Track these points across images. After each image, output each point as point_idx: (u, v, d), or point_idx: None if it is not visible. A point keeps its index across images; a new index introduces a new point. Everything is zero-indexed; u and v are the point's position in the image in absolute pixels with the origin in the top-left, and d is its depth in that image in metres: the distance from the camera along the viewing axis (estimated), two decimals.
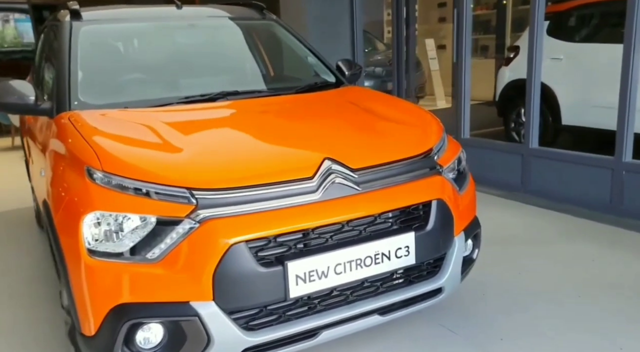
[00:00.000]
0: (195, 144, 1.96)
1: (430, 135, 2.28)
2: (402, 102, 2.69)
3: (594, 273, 2.99)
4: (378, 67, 9.27)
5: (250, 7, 3.32)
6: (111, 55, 2.75)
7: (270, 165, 1.86)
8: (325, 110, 2.51)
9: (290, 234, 1.76)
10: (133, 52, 2.83)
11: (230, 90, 2.58)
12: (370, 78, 8.79)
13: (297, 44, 3.20)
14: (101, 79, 2.60)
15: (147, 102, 2.42)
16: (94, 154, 1.80)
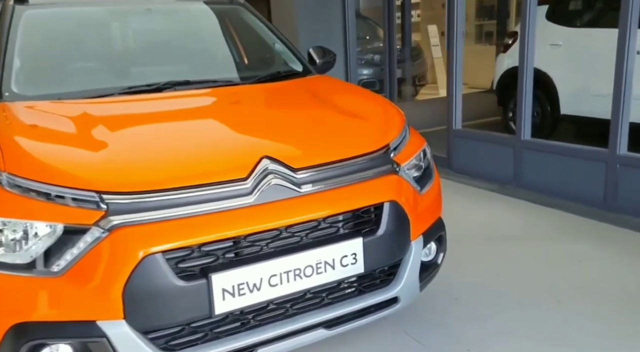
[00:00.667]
0: (120, 141, 1.79)
1: (388, 131, 2.08)
2: (365, 94, 2.49)
3: (578, 276, 2.79)
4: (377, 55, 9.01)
5: None
6: (55, 42, 2.56)
7: (198, 165, 1.68)
8: (278, 103, 2.32)
9: (217, 242, 1.59)
10: (80, 39, 2.63)
11: (180, 80, 2.40)
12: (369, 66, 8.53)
13: (264, 30, 3.01)
14: (40, 68, 2.43)
15: (85, 93, 2.23)
16: (0, 153, 1.64)
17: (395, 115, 2.25)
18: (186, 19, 2.99)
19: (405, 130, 2.18)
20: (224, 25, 3.03)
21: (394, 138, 2.05)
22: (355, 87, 2.59)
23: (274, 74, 2.65)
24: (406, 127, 2.21)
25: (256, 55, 2.96)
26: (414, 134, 2.26)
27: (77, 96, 2.21)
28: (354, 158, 1.88)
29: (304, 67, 2.85)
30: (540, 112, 5.57)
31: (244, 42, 2.99)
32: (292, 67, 2.83)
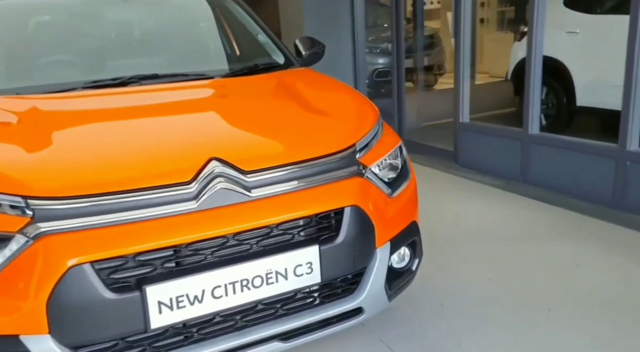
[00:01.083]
0: (60, 140, 1.69)
1: (355, 129, 1.95)
2: (339, 90, 2.35)
3: (574, 282, 2.61)
4: None
5: None
6: (24, 32, 2.50)
7: (138, 168, 1.58)
8: (242, 99, 2.21)
9: (155, 251, 1.49)
10: (51, 30, 2.55)
11: (148, 73, 2.31)
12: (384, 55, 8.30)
13: (248, 21, 2.89)
14: (4, 60, 2.36)
15: (46, 88, 2.16)
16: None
17: (368, 112, 2.11)
18: (166, 9, 2.89)
19: (377, 128, 2.05)
20: (206, 16, 2.93)
21: (361, 137, 1.92)
22: (332, 81, 2.45)
23: (251, 67, 2.54)
24: (378, 124, 2.07)
25: (236, 48, 2.85)
26: (388, 132, 2.12)
27: (37, 90, 2.13)
28: (313, 159, 1.76)
29: (285, 59, 2.72)
30: (556, 104, 5.31)
31: (225, 33, 2.88)
32: (273, 60, 2.71)
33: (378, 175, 1.93)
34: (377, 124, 2.06)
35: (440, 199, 3.89)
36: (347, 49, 6.03)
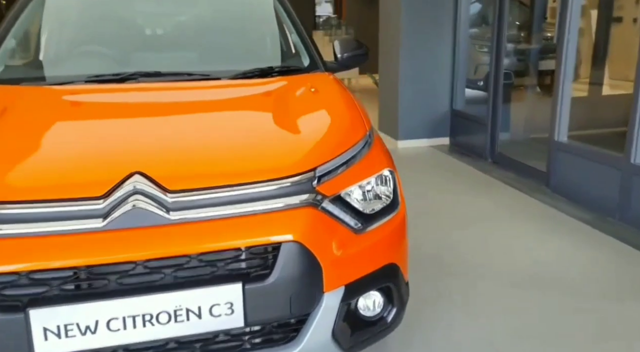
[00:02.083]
0: (6, 139, 1.64)
1: (322, 151, 1.66)
2: (332, 103, 2.03)
3: None
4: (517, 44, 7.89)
5: None
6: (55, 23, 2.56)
7: (52, 176, 1.47)
8: (218, 107, 2.02)
9: (50, 271, 1.37)
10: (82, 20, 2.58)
11: (150, 70, 2.23)
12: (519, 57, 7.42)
13: (284, 19, 2.70)
14: (29, 49, 2.44)
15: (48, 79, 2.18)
16: None
17: (349, 132, 1.79)
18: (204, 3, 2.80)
19: (357, 149, 1.73)
20: (240, 13, 2.78)
21: (325, 162, 1.62)
22: (333, 92, 2.14)
23: (264, 69, 2.33)
24: (360, 146, 1.74)
25: (261, 47, 2.66)
26: (378, 153, 1.79)
27: (39, 81, 2.17)
28: (252, 184, 1.51)
29: (310, 62, 2.48)
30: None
31: (255, 31, 2.71)
32: (295, 62, 2.49)
33: (350, 204, 1.63)
34: (357, 145, 1.74)
35: (516, 230, 3.36)
36: (445, 48, 5.53)
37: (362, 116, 1.92)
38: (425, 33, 5.43)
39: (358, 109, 1.97)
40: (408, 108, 5.61)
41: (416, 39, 5.43)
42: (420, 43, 5.45)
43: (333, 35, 10.02)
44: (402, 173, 4.69)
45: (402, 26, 5.37)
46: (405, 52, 5.44)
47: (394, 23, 5.52)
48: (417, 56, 5.47)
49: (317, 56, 2.51)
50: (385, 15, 5.83)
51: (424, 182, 4.45)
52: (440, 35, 5.48)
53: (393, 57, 5.63)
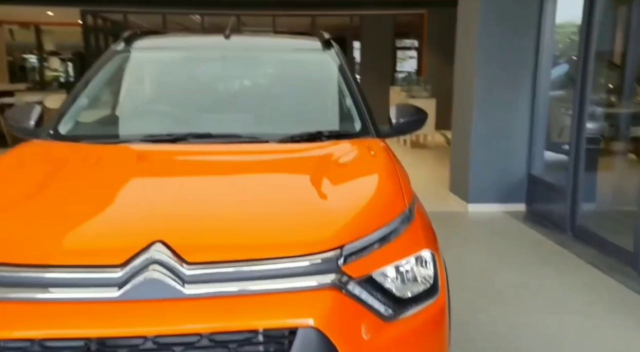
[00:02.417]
0: (36, 198, 1.69)
1: (353, 227, 1.55)
2: (373, 173, 1.92)
3: None
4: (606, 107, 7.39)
5: (316, 37, 2.96)
6: (125, 84, 2.72)
7: (76, 240, 1.48)
8: (255, 172, 2.00)
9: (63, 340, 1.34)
10: (150, 82, 2.73)
11: (201, 132, 2.27)
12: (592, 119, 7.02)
13: (340, 82, 2.68)
14: (99, 109, 2.58)
15: (107, 137, 2.28)
16: None
17: (386, 206, 1.67)
18: (268, 67, 2.89)
19: (392, 227, 1.60)
20: (298, 76, 2.81)
21: (354, 238, 1.51)
22: (376, 161, 2.04)
23: (314, 133, 2.29)
24: (396, 222, 1.62)
25: (314, 110, 2.64)
26: (414, 232, 1.65)
27: (100, 140, 2.27)
28: (272, 259, 1.43)
29: (362, 127, 2.42)
30: None
31: (311, 94, 2.72)
32: (346, 127, 2.44)
33: (381, 287, 1.50)
34: (393, 222, 1.61)
35: (595, 324, 2.97)
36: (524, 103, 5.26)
37: (403, 189, 1.80)
38: (501, 92, 5.22)
39: (399, 181, 1.85)
40: (480, 169, 5.35)
41: (491, 97, 5.23)
42: (495, 101, 5.24)
43: (410, 91, 10.00)
44: (469, 241, 4.44)
45: (477, 84, 5.21)
46: (479, 110, 5.25)
47: (468, 80, 5.37)
48: (491, 115, 5.26)
49: (369, 121, 2.45)
50: (459, 71, 5.71)
51: (491, 255, 4.13)
52: (517, 94, 5.25)
53: (466, 115, 5.45)
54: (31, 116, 2.38)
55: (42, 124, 2.41)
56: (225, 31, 2.83)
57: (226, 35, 2.83)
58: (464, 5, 5.54)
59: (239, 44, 2.90)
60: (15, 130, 2.41)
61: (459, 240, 4.48)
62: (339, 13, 11.77)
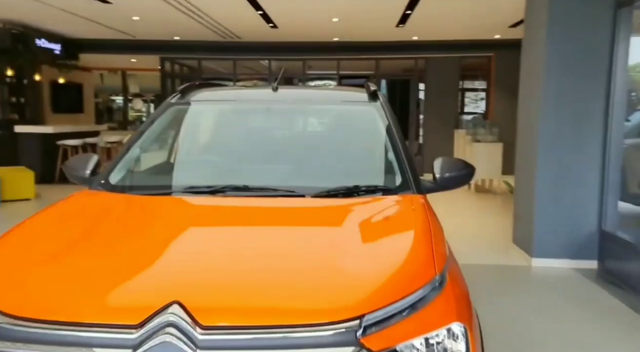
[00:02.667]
0: (67, 255, 1.72)
1: (374, 293, 1.47)
2: (408, 232, 1.83)
3: None
4: None
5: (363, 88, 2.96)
6: (174, 135, 2.82)
7: (95, 297, 1.48)
8: (284, 229, 1.95)
9: None
10: (197, 134, 2.82)
11: (239, 185, 2.29)
12: None
13: (382, 135, 2.63)
14: (149, 158, 2.67)
15: (152, 189, 2.35)
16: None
17: (414, 272, 1.57)
18: (312, 119, 2.92)
19: (419, 296, 1.50)
20: (343, 128, 2.80)
21: (376, 307, 1.42)
22: (414, 219, 1.94)
23: (351, 187, 2.25)
24: (423, 291, 1.52)
25: (354, 164, 2.59)
26: (444, 302, 1.54)
27: (145, 191, 2.35)
28: (284, 327, 1.37)
29: (402, 182, 2.34)
30: None
31: (352, 147, 2.68)
32: (384, 181, 2.37)
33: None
34: (420, 291, 1.51)
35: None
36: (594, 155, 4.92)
37: (435, 253, 1.69)
38: (568, 137, 4.92)
39: (432, 244, 1.74)
40: (545, 221, 5.02)
41: (557, 142, 4.94)
42: (561, 147, 4.94)
43: (475, 135, 9.74)
44: (531, 301, 4.12)
45: (541, 128, 4.95)
46: (544, 156, 4.97)
47: (532, 124, 5.13)
48: (557, 162, 4.96)
49: (410, 176, 2.36)
50: (523, 115, 5.47)
51: (557, 319, 3.78)
52: (587, 140, 4.91)
53: (530, 161, 5.18)
54: (87, 166, 2.51)
55: (97, 172, 2.53)
56: (274, 84, 2.90)
57: (274, 87, 2.89)
58: (529, 48, 5.37)
59: (285, 96, 2.94)
60: (73, 179, 2.54)
61: (520, 299, 4.17)
62: (403, 56, 11.83)
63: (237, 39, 11.12)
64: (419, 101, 12.60)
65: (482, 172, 9.40)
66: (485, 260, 5.27)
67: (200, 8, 8.15)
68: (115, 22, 9.40)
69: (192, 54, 11.93)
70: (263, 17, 8.65)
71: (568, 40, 4.86)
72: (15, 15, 8.72)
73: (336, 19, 8.85)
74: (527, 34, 5.46)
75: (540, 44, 5.03)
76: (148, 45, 11.54)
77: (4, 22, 9.28)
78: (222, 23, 9.43)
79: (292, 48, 11.53)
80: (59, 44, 10.47)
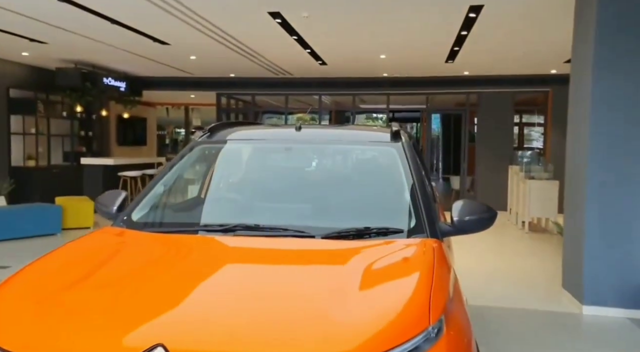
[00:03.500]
0: (70, 293, 1.79)
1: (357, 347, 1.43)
2: (407, 280, 1.77)
3: None
4: None
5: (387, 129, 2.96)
6: (195, 173, 2.90)
7: (72, 338, 1.53)
8: (284, 272, 1.95)
9: None
10: (217, 172, 2.88)
11: (251, 224, 2.32)
12: None
13: (402, 175, 2.59)
14: (172, 196, 2.75)
15: (169, 227, 2.43)
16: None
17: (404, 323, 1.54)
18: (330, 159, 2.93)
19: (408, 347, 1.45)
20: (360, 168, 2.79)
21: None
22: (418, 266, 1.88)
23: (362, 229, 2.23)
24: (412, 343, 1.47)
25: (368, 204, 2.55)
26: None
27: (165, 229, 2.42)
28: None
29: (416, 225, 2.29)
30: None
31: (367, 187, 2.66)
32: (397, 224, 2.31)
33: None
34: (408, 343, 1.46)
35: None
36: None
37: (432, 302, 1.62)
38: (620, 176, 4.66)
39: (430, 293, 1.68)
40: (597, 266, 4.70)
41: (608, 182, 4.68)
42: (613, 188, 4.67)
43: (529, 171, 9.37)
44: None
45: (590, 164, 4.71)
46: (594, 196, 4.70)
47: (581, 159, 4.89)
48: (609, 203, 4.68)
49: (425, 218, 2.31)
50: (571, 152, 5.23)
51: None
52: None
53: (579, 201, 4.92)
54: (115, 202, 2.62)
55: (124, 209, 2.63)
56: (297, 123, 2.96)
57: (297, 127, 2.94)
58: (576, 86, 5.18)
59: (307, 136, 2.98)
60: (103, 215, 2.66)
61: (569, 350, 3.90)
62: (454, 91, 11.71)
63: (289, 76, 11.44)
64: (472, 136, 12.35)
65: (536, 210, 9.01)
66: (532, 305, 4.99)
67: (252, 48, 8.50)
68: (174, 61, 9.96)
69: (246, 90, 12.37)
70: (311, 54, 8.88)
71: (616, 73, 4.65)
72: (85, 56, 9.44)
73: (383, 56, 8.94)
74: (573, 70, 5.27)
75: (584, 84, 4.85)
76: (205, 82, 12.10)
77: (75, 63, 10.06)
78: (274, 61, 9.76)
79: (341, 83, 11.71)
80: (124, 81, 11.18)
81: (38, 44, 8.25)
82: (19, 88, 10.18)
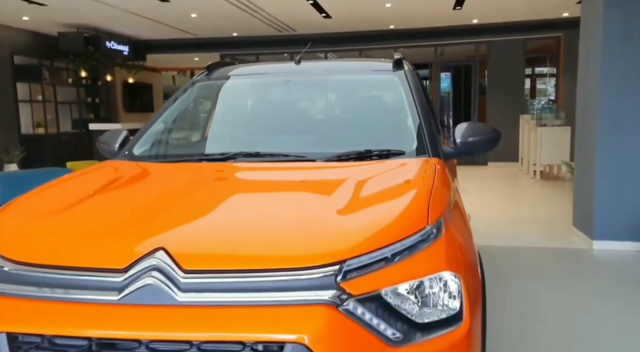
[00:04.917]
0: (73, 209, 1.80)
1: (357, 240, 1.44)
2: (406, 188, 1.77)
3: None
4: None
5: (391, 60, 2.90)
6: (195, 109, 2.89)
7: (88, 244, 1.55)
8: (284, 188, 1.95)
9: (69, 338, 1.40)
10: (216, 107, 2.86)
11: (251, 151, 2.31)
12: None
13: (405, 101, 2.55)
14: (170, 132, 2.75)
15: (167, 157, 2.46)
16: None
17: (404, 222, 1.54)
18: (331, 89, 2.88)
19: (406, 244, 1.47)
20: (361, 96, 2.75)
21: (358, 253, 1.40)
22: (418, 177, 1.88)
23: (363, 152, 2.21)
24: (412, 240, 1.48)
25: (370, 129, 2.52)
26: (436, 251, 1.49)
27: (166, 159, 2.44)
28: (265, 271, 1.38)
29: (417, 147, 2.27)
30: None
31: (369, 113, 2.63)
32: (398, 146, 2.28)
33: (390, 308, 1.38)
34: (408, 239, 1.47)
35: None
36: None
37: (431, 206, 1.62)
38: (629, 114, 4.57)
39: (429, 198, 1.67)
40: (607, 202, 4.67)
41: (618, 119, 4.59)
42: (622, 125, 4.59)
43: (541, 119, 9.23)
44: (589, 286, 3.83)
45: (600, 104, 4.62)
46: (604, 135, 4.63)
47: (592, 100, 4.80)
48: (618, 141, 4.61)
49: (427, 140, 2.28)
50: (581, 95, 5.13)
51: (616, 306, 3.50)
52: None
53: (589, 141, 4.85)
54: (117, 140, 2.64)
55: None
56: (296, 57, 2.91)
57: (296, 61, 2.90)
58: (586, 25, 5.02)
59: (306, 69, 2.94)
60: (104, 153, 2.69)
61: (581, 284, 3.89)
62: (463, 41, 11.44)
63: (292, 32, 11.24)
64: (483, 88, 12.13)
65: (548, 157, 8.89)
66: (543, 243, 4.99)
67: (253, 1, 8.32)
68: (175, 21, 9.81)
69: (250, 49, 12.21)
70: (314, 6, 8.68)
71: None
72: (86, 19, 9.34)
73: (389, 4, 8.71)
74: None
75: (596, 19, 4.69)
76: (208, 43, 11.95)
77: (77, 27, 9.96)
78: (276, 16, 9.57)
79: (348, 38, 11.49)
80: (127, 45, 11.08)
81: (37, 5, 8.15)
82: (23, 55, 10.15)
